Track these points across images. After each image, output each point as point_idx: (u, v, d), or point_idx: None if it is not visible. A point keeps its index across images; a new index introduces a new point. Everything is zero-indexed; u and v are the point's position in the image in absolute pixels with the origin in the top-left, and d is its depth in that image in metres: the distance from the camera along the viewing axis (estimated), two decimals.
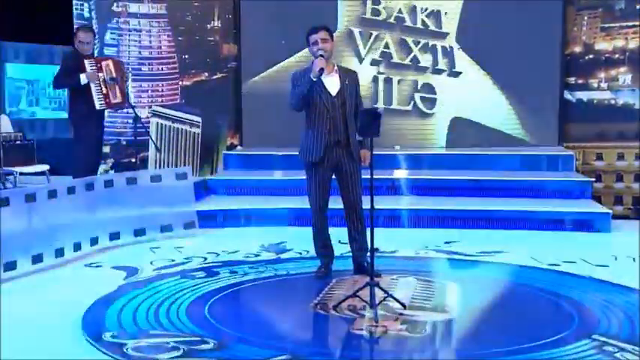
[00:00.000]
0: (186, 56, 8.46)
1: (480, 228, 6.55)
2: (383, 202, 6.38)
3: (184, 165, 8.27)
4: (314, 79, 4.67)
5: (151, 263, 5.45)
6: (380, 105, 8.14)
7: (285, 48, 8.06)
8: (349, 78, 4.88)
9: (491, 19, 7.96)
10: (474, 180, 7.17)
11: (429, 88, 8.23)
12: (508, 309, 4.39)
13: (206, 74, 8.49)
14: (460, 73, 8.16)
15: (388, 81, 8.25)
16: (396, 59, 8.23)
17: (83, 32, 6.64)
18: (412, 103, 8.24)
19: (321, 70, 4.65)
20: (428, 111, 8.23)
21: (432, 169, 7.59)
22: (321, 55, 4.69)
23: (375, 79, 8.25)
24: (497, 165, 7.57)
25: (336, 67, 4.85)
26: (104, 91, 6.52)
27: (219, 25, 8.46)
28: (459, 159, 7.71)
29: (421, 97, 8.23)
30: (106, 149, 8.14)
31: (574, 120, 7.97)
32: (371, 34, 8.23)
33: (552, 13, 7.91)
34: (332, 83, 4.80)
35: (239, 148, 8.49)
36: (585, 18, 7.96)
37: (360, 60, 8.23)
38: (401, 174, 7.51)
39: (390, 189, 7.22)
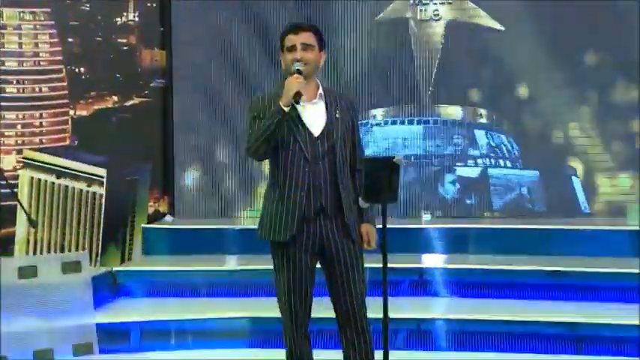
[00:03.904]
0: (82, 69, 8.54)
1: (562, 353, 6.51)
2: (403, 309, 6.40)
3: (77, 248, 8.27)
4: (286, 109, 4.69)
5: None
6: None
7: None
8: (342, 107, 4.85)
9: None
10: (551, 272, 7.16)
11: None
12: None
13: (115, 98, 8.56)
14: None
15: None
16: None
17: None
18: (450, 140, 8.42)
19: (298, 94, 4.66)
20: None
21: (483, 254, 7.64)
22: (298, 71, 4.71)
23: None
24: (589, 248, 7.60)
25: (320, 91, 4.83)
26: None
27: (137, 18, 8.58)
28: (525, 237, 7.76)
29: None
30: None
31: None
32: None
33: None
34: (314, 116, 4.78)
35: (168, 218, 8.52)
36: None
37: None
38: (433, 261, 7.54)
39: (414, 286, 7.22)
